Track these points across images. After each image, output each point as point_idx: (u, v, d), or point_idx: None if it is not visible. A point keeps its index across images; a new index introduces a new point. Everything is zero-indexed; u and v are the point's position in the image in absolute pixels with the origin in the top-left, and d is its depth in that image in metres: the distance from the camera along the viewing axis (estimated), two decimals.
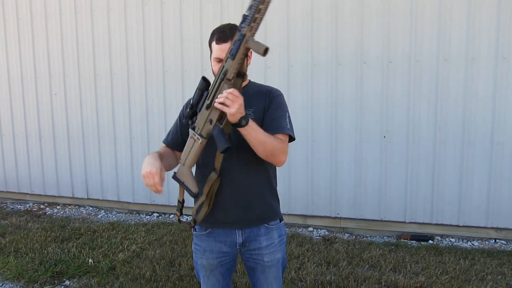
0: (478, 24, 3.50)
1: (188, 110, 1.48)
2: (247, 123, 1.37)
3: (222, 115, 1.38)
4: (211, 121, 1.41)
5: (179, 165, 1.53)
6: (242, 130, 1.40)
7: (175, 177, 1.53)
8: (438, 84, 3.65)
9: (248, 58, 1.51)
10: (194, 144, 1.46)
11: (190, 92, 1.62)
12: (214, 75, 1.57)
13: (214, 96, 1.38)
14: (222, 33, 1.50)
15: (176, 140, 1.68)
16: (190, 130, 1.47)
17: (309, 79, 3.98)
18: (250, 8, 1.28)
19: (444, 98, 3.64)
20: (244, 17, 1.30)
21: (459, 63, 3.58)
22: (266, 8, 1.27)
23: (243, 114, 1.35)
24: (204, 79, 1.43)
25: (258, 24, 1.30)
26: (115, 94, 4.78)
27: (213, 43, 1.52)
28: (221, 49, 1.49)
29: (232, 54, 1.34)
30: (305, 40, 3.96)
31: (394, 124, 3.80)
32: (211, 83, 1.43)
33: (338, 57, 3.88)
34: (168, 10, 4.42)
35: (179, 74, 4.46)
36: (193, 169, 1.71)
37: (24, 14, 5.11)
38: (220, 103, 1.32)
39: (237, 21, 1.35)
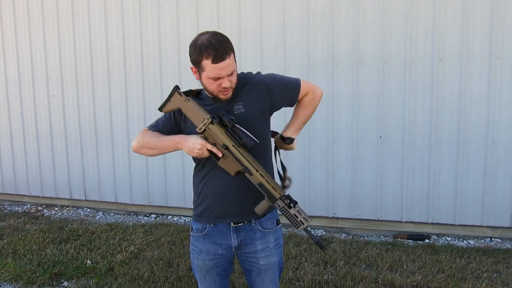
0: (472, 24, 3.53)
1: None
2: (291, 141, 1.82)
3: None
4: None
5: (186, 99, 1.62)
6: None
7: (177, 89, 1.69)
8: (433, 84, 3.67)
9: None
10: (200, 122, 1.54)
11: None
12: (208, 93, 1.59)
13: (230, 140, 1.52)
14: (217, 52, 1.42)
15: (166, 132, 1.65)
16: (210, 117, 1.52)
17: (306, 80, 3.99)
18: (303, 216, 1.53)
19: (439, 98, 3.67)
20: (295, 204, 1.57)
21: (454, 63, 3.60)
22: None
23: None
24: None
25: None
26: (113, 96, 4.78)
27: (207, 62, 1.44)
28: (219, 68, 1.44)
29: (256, 170, 1.51)
30: (301, 41, 3.97)
31: (390, 124, 3.82)
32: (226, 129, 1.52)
33: (334, 58, 3.90)
34: (164, 12, 4.43)
35: (176, 75, 4.47)
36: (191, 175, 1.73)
37: (22, 17, 5.11)
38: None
39: (235, 21, 1.36)
